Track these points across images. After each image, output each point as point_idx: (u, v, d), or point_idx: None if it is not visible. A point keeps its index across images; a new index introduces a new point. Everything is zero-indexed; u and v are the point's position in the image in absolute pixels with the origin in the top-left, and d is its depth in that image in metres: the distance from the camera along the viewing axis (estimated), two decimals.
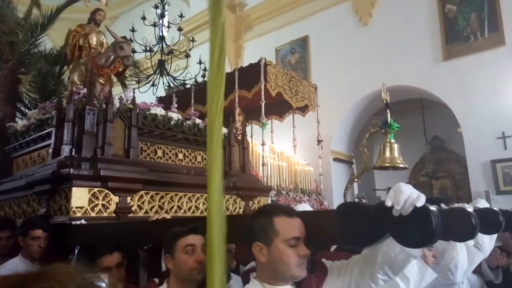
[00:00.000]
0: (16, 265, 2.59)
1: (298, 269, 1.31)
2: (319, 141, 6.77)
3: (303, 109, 7.01)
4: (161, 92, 7.25)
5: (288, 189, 6.16)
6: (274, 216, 1.34)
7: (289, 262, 1.30)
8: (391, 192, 1.20)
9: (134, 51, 6.38)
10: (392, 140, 3.42)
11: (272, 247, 1.31)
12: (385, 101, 3.56)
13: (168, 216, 2.65)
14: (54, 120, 3.19)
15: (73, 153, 3.03)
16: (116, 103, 3.20)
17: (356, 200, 6.97)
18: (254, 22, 9.36)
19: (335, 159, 7.93)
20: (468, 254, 2.29)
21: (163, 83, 7.00)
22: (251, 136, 7.13)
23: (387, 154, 3.35)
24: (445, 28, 6.76)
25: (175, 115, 3.60)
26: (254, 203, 4.08)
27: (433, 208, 1.20)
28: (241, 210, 3.93)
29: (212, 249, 0.64)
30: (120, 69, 3.59)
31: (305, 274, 1.33)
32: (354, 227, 1.30)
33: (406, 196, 1.15)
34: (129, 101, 3.30)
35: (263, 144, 5.66)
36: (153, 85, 6.91)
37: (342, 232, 1.35)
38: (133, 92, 3.35)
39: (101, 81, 3.49)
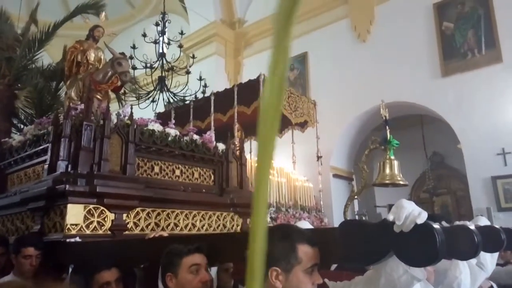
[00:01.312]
0: None
1: None
2: (318, 157, 6.75)
3: (302, 125, 7.01)
4: (161, 108, 7.25)
5: (287, 206, 6.10)
6: (298, 243, 1.30)
7: None
8: (393, 208, 1.20)
9: (134, 68, 6.42)
10: (392, 157, 3.39)
11: (292, 275, 1.27)
12: (384, 118, 3.54)
13: (165, 234, 2.59)
14: (51, 136, 3.17)
15: (69, 169, 2.99)
16: (114, 118, 3.18)
17: (357, 217, 6.89)
18: (253, 38, 9.45)
19: (335, 175, 7.88)
20: (471, 273, 2.24)
21: (163, 99, 7.01)
22: (250, 152, 7.10)
23: (387, 171, 3.32)
24: (442, 45, 6.81)
25: (172, 131, 3.57)
26: None
27: (436, 226, 1.17)
28: (239, 227, 3.86)
29: (253, 270, 0.59)
30: (118, 85, 3.58)
31: None
32: (356, 245, 1.28)
33: (407, 212, 1.15)
34: (127, 117, 3.27)
35: None
36: (153, 101, 6.91)
37: (344, 250, 1.32)
38: (131, 108, 3.33)
39: (98, 96, 3.48)
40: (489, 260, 2.27)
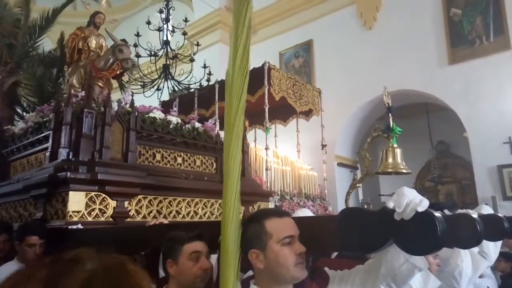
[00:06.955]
0: (12, 269, 2.51)
1: (297, 269, 1.26)
2: (323, 146, 6.71)
3: (307, 114, 6.97)
4: (166, 96, 7.24)
5: (292, 194, 6.10)
6: (265, 219, 1.32)
7: (286, 262, 1.25)
8: (394, 195, 1.19)
9: (139, 56, 6.38)
10: (395, 145, 3.33)
11: (268, 251, 1.27)
12: (387, 105, 3.48)
13: (165, 221, 2.60)
14: (52, 123, 3.16)
15: (71, 156, 2.99)
16: (115, 106, 3.17)
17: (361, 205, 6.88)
18: (258, 26, 9.34)
19: (339, 164, 7.86)
20: (473, 261, 2.23)
21: (168, 87, 6.99)
22: (255, 141, 7.08)
23: (390, 159, 3.26)
24: (450, 32, 6.69)
25: (174, 119, 3.55)
26: (255, 208, 4.02)
27: (438, 214, 1.16)
28: (241, 215, 3.86)
29: (226, 256, 0.60)
30: (119, 72, 3.55)
31: (305, 274, 1.29)
32: (357, 233, 1.26)
33: (408, 200, 1.14)
34: (128, 105, 3.26)
35: (266, 149, 5.61)
36: (158, 89, 6.89)
37: (344, 238, 1.31)
38: (132, 95, 3.31)
39: (100, 84, 3.46)
40: (492, 248, 2.26)
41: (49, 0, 6.26)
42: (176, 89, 7.04)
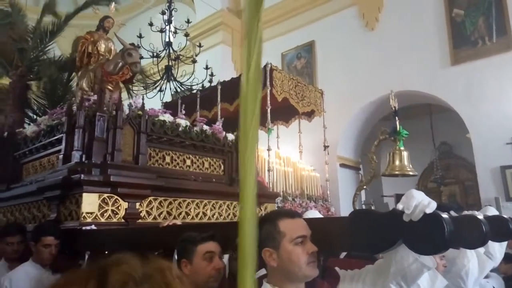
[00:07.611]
0: (28, 269, 2.61)
1: (309, 268, 1.32)
2: (325, 147, 6.75)
3: (309, 114, 7.01)
4: (168, 98, 7.29)
5: (294, 195, 6.14)
6: (278, 220, 1.37)
7: (299, 261, 1.31)
8: (403, 197, 1.24)
9: (141, 57, 6.43)
10: (402, 148, 3.40)
11: (281, 250, 1.33)
12: (393, 108, 3.55)
13: (178, 222, 2.65)
14: (65, 126, 3.23)
15: (83, 159, 3.06)
16: (126, 109, 3.23)
17: (364, 206, 6.92)
18: None
19: (342, 165, 7.89)
20: (479, 262, 2.27)
21: (170, 88, 7.04)
22: (257, 142, 7.11)
23: (397, 162, 3.34)
24: (452, 32, 6.72)
25: (183, 122, 3.62)
26: (261, 210, 4.07)
27: (445, 215, 1.21)
28: None
29: (244, 256, 0.64)
30: (128, 76, 3.62)
31: (317, 272, 1.34)
32: (367, 233, 1.32)
33: (417, 201, 1.19)
34: (138, 108, 3.32)
35: (268, 150, 5.65)
36: (160, 90, 6.94)
37: (354, 238, 1.36)
38: (142, 99, 3.38)
39: (109, 87, 3.52)
40: (497, 249, 2.30)
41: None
42: (179, 90, 7.09)
